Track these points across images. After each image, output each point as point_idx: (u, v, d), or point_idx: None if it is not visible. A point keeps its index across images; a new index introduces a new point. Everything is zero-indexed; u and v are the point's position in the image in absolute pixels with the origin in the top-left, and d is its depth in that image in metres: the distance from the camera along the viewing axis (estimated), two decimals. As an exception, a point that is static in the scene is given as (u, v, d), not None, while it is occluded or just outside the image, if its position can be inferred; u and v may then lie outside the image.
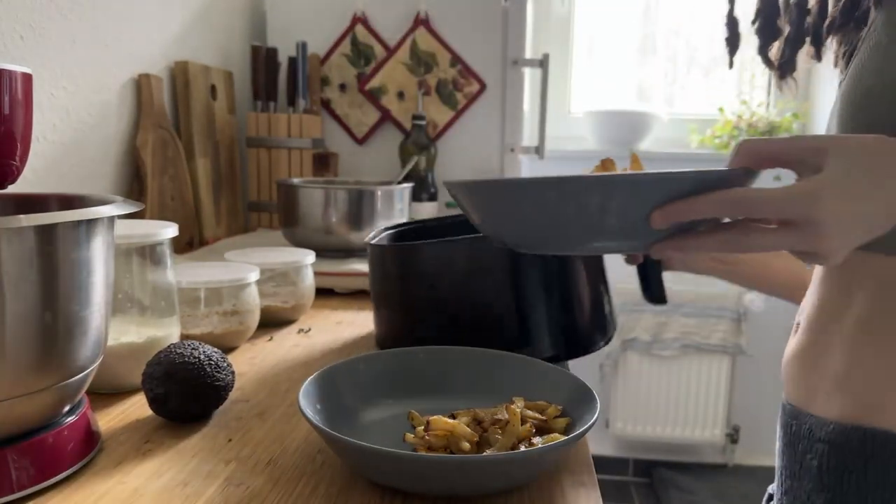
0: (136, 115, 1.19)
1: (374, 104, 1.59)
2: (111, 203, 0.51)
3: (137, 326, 0.67)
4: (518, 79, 1.57)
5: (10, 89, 0.54)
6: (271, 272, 0.89)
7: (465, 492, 0.49)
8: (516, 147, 1.59)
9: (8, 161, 0.56)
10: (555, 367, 0.63)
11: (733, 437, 2.51)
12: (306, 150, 1.50)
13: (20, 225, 0.43)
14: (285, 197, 1.19)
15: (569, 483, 0.52)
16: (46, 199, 0.58)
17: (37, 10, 0.93)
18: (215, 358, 0.60)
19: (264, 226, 1.53)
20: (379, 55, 1.58)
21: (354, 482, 0.51)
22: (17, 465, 0.47)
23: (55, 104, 0.98)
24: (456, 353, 0.66)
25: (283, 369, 0.74)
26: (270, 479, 0.51)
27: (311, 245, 1.10)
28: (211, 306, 0.77)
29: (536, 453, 0.49)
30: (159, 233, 0.66)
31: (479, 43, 1.56)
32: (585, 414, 0.54)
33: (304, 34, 1.54)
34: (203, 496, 0.48)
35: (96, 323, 0.50)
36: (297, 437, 0.58)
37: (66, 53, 1.00)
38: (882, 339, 0.57)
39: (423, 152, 1.52)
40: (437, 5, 1.55)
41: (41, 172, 0.96)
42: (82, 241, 0.48)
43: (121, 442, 0.56)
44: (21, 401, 0.46)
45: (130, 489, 0.49)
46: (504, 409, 0.55)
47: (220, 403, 0.61)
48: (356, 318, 0.96)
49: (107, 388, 0.65)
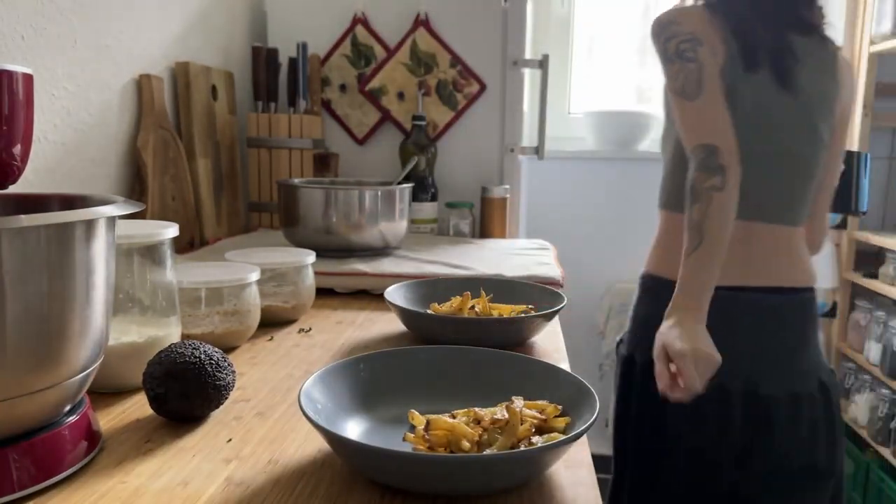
0: (137, 115, 1.19)
1: (375, 104, 1.59)
2: (112, 203, 0.51)
3: (138, 326, 0.67)
4: (518, 79, 1.57)
5: (11, 90, 0.55)
6: (272, 272, 0.89)
7: (465, 491, 0.49)
8: (516, 147, 1.59)
9: (9, 161, 0.56)
10: (555, 367, 0.63)
11: (733, 437, 2.51)
12: (307, 150, 1.50)
13: (21, 225, 0.43)
14: (286, 197, 1.19)
15: (568, 482, 0.52)
16: (47, 200, 0.58)
17: (38, 10, 0.93)
18: (216, 358, 0.60)
19: (265, 226, 1.53)
20: (379, 56, 1.58)
21: (354, 482, 0.51)
22: (18, 464, 0.47)
23: (56, 104, 0.99)
24: (456, 353, 0.66)
25: (283, 369, 0.75)
26: (271, 479, 0.51)
27: (311, 245, 1.10)
28: (212, 306, 0.77)
29: (536, 453, 0.49)
30: (160, 233, 0.66)
31: (479, 43, 1.56)
32: (585, 413, 0.54)
33: (304, 35, 1.54)
34: (203, 496, 0.48)
35: (97, 323, 0.50)
36: (298, 436, 0.58)
37: (68, 54, 1.00)
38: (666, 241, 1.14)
39: (423, 152, 1.52)
40: (437, 6, 1.56)
41: (42, 173, 0.96)
42: (83, 242, 0.48)
43: (122, 441, 0.56)
44: (22, 400, 0.46)
45: (131, 489, 0.49)
46: (504, 408, 0.55)
47: (220, 403, 0.61)
48: (356, 318, 0.96)
49: (108, 387, 0.65)
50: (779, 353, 1.08)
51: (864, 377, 2.21)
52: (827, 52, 1.12)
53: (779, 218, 1.09)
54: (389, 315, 0.98)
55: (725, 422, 1.06)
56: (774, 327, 1.08)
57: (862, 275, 2.23)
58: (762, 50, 1.06)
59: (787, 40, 1.08)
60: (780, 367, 1.08)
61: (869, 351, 2.16)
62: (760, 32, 1.06)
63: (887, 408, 2.06)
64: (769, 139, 1.08)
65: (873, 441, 2.10)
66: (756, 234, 1.08)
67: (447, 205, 1.56)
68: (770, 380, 1.06)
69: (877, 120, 2.22)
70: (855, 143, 2.23)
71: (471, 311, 0.85)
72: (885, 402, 2.07)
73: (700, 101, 1.01)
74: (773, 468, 1.08)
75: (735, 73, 1.04)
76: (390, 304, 0.85)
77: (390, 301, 0.85)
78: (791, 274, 1.10)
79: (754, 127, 1.06)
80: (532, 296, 0.93)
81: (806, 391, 1.08)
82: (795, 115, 1.08)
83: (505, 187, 1.54)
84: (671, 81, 1.03)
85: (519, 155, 1.60)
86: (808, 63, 1.09)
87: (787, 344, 1.09)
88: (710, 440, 1.07)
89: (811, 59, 1.09)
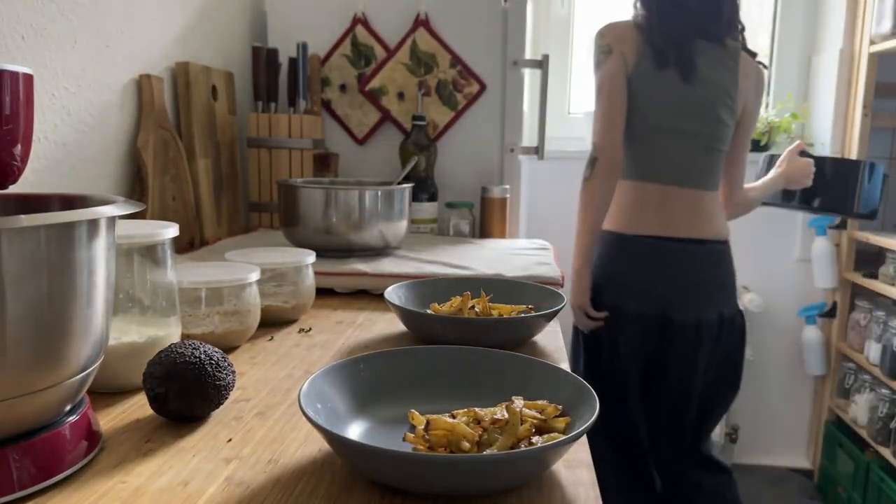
0: (137, 115, 1.19)
1: (375, 105, 1.59)
2: (112, 203, 0.51)
3: (138, 326, 0.67)
4: (518, 79, 1.57)
5: (12, 90, 0.55)
6: (272, 272, 0.89)
7: (465, 491, 0.49)
8: (516, 147, 1.59)
9: (9, 161, 0.56)
10: (555, 367, 0.63)
11: (732, 436, 2.51)
12: (307, 150, 1.50)
13: (21, 225, 0.43)
14: (286, 197, 1.19)
15: (568, 482, 0.52)
16: (48, 200, 0.58)
17: (38, 10, 0.93)
18: (216, 358, 0.60)
19: (265, 226, 1.53)
20: (379, 56, 1.58)
21: (354, 482, 0.51)
22: (18, 464, 0.47)
23: (56, 104, 0.99)
24: (456, 353, 0.66)
25: (283, 369, 0.75)
26: (271, 479, 0.51)
27: (311, 245, 1.10)
28: (212, 306, 0.77)
29: (536, 453, 0.49)
30: (160, 233, 0.66)
31: (479, 43, 1.56)
32: (585, 413, 0.54)
33: (304, 35, 1.54)
34: (204, 495, 0.48)
35: (97, 323, 0.50)
36: (298, 436, 0.58)
37: (68, 54, 1.00)
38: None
39: (423, 152, 1.52)
40: (437, 6, 1.56)
41: (42, 173, 0.96)
42: (83, 242, 0.48)
43: (122, 441, 0.56)
44: (22, 400, 0.46)
45: (131, 488, 0.49)
46: (504, 408, 0.55)
47: (220, 403, 0.61)
48: (356, 318, 0.96)
49: (108, 387, 0.65)
50: (689, 289, 1.45)
51: (864, 377, 2.21)
52: (727, 53, 1.45)
53: (689, 183, 1.45)
54: (389, 315, 0.98)
55: (646, 339, 1.45)
56: (686, 269, 1.44)
57: (862, 275, 2.23)
58: (670, 52, 1.40)
59: (691, 45, 1.41)
60: (689, 300, 1.44)
61: (869, 351, 2.16)
62: (670, 39, 1.41)
63: (887, 408, 2.06)
64: (676, 121, 1.42)
65: (873, 441, 2.10)
66: (671, 196, 1.44)
67: (447, 205, 1.56)
68: (681, 310, 1.43)
69: (877, 120, 2.22)
70: (855, 142, 2.23)
71: (471, 311, 0.86)
72: (885, 402, 2.07)
73: (597, 105, 1.44)
74: (675, 378, 1.47)
75: (647, 71, 1.41)
76: (390, 304, 0.85)
77: (390, 301, 0.85)
78: (703, 228, 1.45)
79: (664, 112, 1.42)
80: (532, 296, 0.93)
81: (707, 320, 1.44)
82: (697, 102, 1.42)
83: (505, 187, 1.54)
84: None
85: (519, 155, 1.60)
86: (708, 62, 1.42)
87: (696, 282, 1.45)
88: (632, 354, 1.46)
89: (712, 59, 1.43)
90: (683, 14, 1.42)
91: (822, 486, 2.45)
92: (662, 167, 1.44)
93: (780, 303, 2.47)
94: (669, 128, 1.42)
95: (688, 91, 1.40)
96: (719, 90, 1.43)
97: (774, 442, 2.55)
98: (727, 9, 1.46)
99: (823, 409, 2.45)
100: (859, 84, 2.20)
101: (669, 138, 1.43)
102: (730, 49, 1.46)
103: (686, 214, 1.44)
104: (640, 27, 1.42)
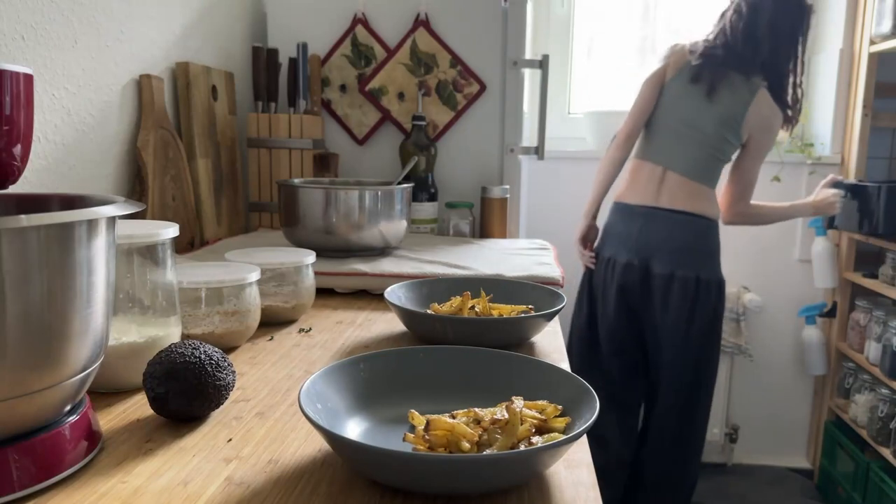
0: (137, 115, 1.19)
1: (375, 105, 1.59)
2: (112, 203, 0.51)
3: (138, 326, 0.67)
4: (518, 79, 1.57)
5: (12, 90, 0.55)
6: (272, 272, 0.89)
7: (465, 491, 0.49)
8: (516, 147, 1.59)
9: (9, 161, 0.56)
10: (555, 367, 0.63)
11: (732, 436, 2.51)
12: (307, 150, 1.50)
13: (21, 225, 0.43)
14: (286, 197, 1.19)
15: (568, 482, 0.52)
16: (48, 200, 0.59)
17: (38, 10, 0.93)
18: (216, 357, 0.60)
19: (265, 226, 1.53)
20: (379, 56, 1.58)
21: (354, 482, 0.51)
22: (18, 464, 0.47)
23: (56, 104, 0.99)
24: (456, 353, 0.66)
25: (283, 369, 0.75)
26: (271, 479, 0.51)
27: (311, 245, 1.10)
28: (212, 306, 0.77)
29: (536, 453, 0.49)
30: (160, 233, 0.66)
31: (479, 43, 1.56)
32: (585, 413, 0.54)
33: (304, 35, 1.54)
34: (204, 495, 0.48)
35: (97, 323, 0.50)
36: (298, 436, 0.58)
37: (68, 54, 1.00)
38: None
39: (423, 153, 1.52)
40: (437, 6, 1.56)
41: (42, 173, 0.96)
42: (84, 242, 0.48)
43: (122, 441, 0.56)
44: (22, 400, 0.46)
45: (131, 488, 0.49)
46: (504, 409, 0.55)
47: (220, 403, 0.61)
48: (356, 318, 0.96)
49: (108, 387, 0.65)
50: (670, 248, 1.79)
51: (863, 377, 2.21)
52: (748, 88, 1.78)
53: (682, 171, 1.80)
54: (389, 315, 0.98)
55: (629, 284, 1.84)
56: (669, 231, 1.80)
57: (862, 275, 2.23)
58: (705, 74, 1.78)
59: (723, 73, 1.78)
60: (667, 256, 1.79)
61: (869, 351, 2.16)
62: (708, 66, 1.79)
63: (887, 408, 2.06)
64: (690, 122, 1.80)
65: (873, 441, 2.10)
66: (666, 177, 1.82)
67: (447, 205, 1.56)
68: (660, 264, 1.79)
69: (877, 120, 2.22)
70: (855, 142, 2.23)
71: (471, 311, 0.86)
72: (884, 402, 2.07)
73: (635, 98, 1.87)
74: (648, 325, 1.86)
75: (682, 82, 1.81)
76: (390, 304, 0.85)
77: (390, 301, 0.85)
78: (687, 203, 1.79)
79: (684, 114, 1.80)
80: (532, 296, 0.93)
81: (681, 276, 1.77)
82: (710, 115, 1.78)
83: (505, 187, 1.54)
84: None
85: (519, 155, 1.60)
86: (729, 89, 1.78)
87: (676, 244, 1.79)
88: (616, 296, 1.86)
89: (733, 88, 1.78)
90: (727, 50, 1.80)
91: (821, 485, 2.45)
92: (664, 151, 1.83)
93: (780, 303, 2.47)
94: (683, 126, 1.80)
95: (707, 105, 1.77)
96: (729, 113, 1.77)
97: (774, 442, 2.55)
98: (765, 56, 1.78)
99: (823, 408, 2.45)
100: (859, 84, 2.20)
101: (680, 134, 1.80)
102: (752, 85, 1.78)
103: (674, 191, 1.80)
104: (692, 52, 1.82)
